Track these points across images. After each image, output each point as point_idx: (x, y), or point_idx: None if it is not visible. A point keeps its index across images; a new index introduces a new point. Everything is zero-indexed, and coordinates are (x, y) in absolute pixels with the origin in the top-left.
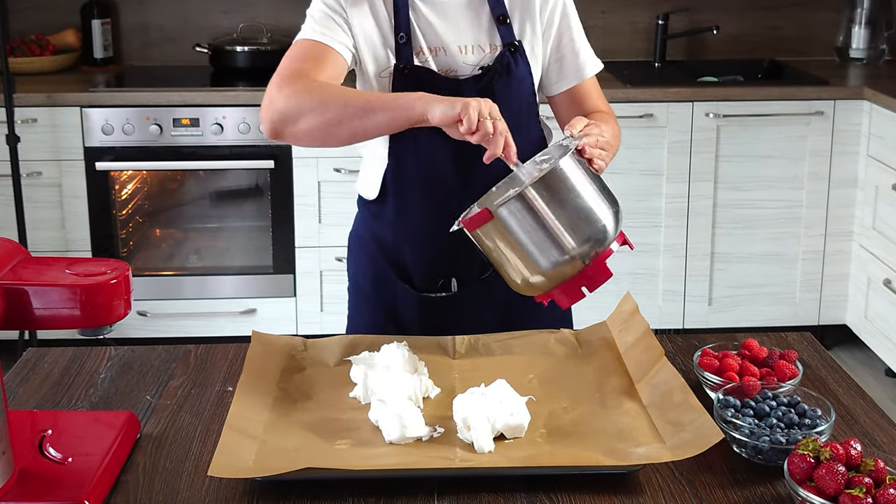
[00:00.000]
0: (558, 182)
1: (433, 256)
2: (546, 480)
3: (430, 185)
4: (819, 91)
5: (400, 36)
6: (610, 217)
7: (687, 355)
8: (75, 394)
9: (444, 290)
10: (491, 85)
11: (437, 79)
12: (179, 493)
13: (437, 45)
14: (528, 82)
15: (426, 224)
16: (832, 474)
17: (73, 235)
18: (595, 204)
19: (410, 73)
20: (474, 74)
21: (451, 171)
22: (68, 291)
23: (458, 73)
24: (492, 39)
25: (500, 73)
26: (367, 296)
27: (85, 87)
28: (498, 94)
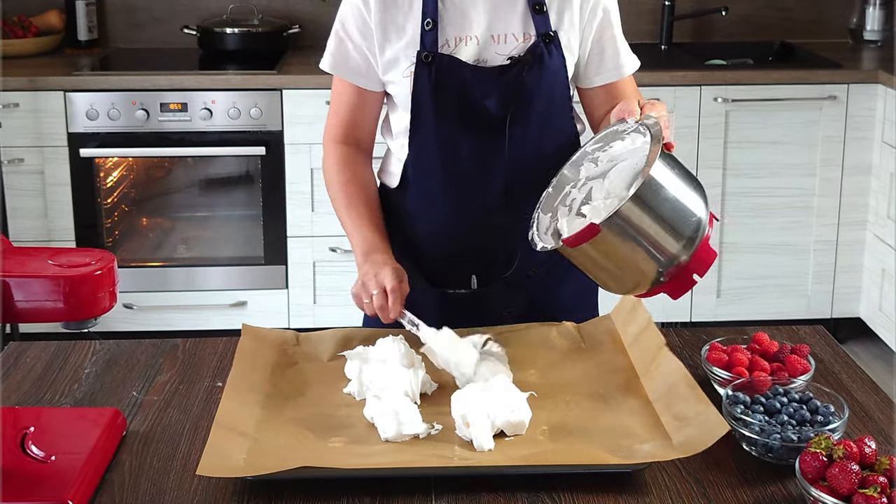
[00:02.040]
0: (655, 187)
1: (453, 252)
2: (548, 479)
3: (451, 178)
4: (832, 74)
5: (426, 22)
6: (701, 204)
7: (695, 349)
8: (59, 389)
9: (463, 287)
10: (521, 75)
11: (461, 68)
12: (167, 493)
13: (468, 33)
14: (561, 75)
15: (446, 218)
16: (846, 473)
17: (56, 225)
18: (688, 197)
19: (433, 61)
20: (502, 64)
21: (472, 165)
22: (51, 283)
23: (488, 62)
24: (526, 28)
25: (531, 64)
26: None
27: (69, 71)
28: (528, 85)
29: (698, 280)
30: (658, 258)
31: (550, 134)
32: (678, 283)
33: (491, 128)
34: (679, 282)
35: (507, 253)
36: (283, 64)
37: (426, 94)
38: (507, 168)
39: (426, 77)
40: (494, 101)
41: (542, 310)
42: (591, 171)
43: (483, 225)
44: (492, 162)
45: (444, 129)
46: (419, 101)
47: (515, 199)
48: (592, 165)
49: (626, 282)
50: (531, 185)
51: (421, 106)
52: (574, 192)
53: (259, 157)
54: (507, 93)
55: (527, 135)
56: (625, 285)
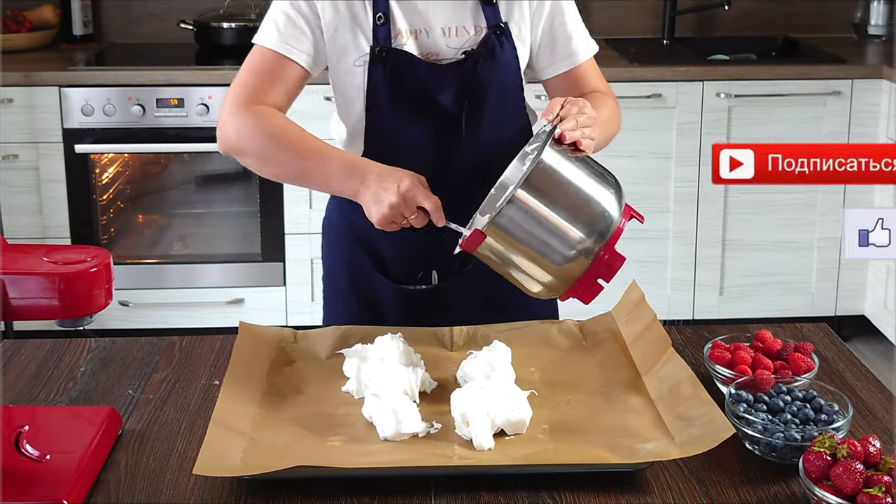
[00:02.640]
0: (545, 179)
1: (411, 247)
2: (549, 479)
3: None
4: (836, 70)
5: (378, 16)
6: (610, 198)
7: (697, 347)
8: (53, 388)
9: (424, 283)
10: (474, 69)
11: (416, 64)
12: (163, 493)
13: (419, 26)
14: (513, 66)
15: None
16: (850, 472)
17: (51, 221)
18: (591, 189)
19: (388, 56)
20: (456, 59)
21: (429, 158)
22: (46, 280)
23: (441, 56)
24: (476, 21)
25: (484, 56)
26: (343, 286)
27: (64, 66)
28: (482, 79)
29: (604, 285)
30: (551, 259)
31: (505, 126)
32: (583, 287)
33: (447, 121)
34: (584, 286)
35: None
36: None
37: (381, 88)
38: (465, 161)
39: (380, 72)
40: (449, 96)
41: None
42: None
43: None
44: (449, 154)
45: (401, 122)
46: (374, 96)
47: (473, 191)
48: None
49: (531, 283)
50: (489, 176)
51: (376, 100)
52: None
53: None
54: (461, 87)
55: (482, 127)
56: (531, 287)
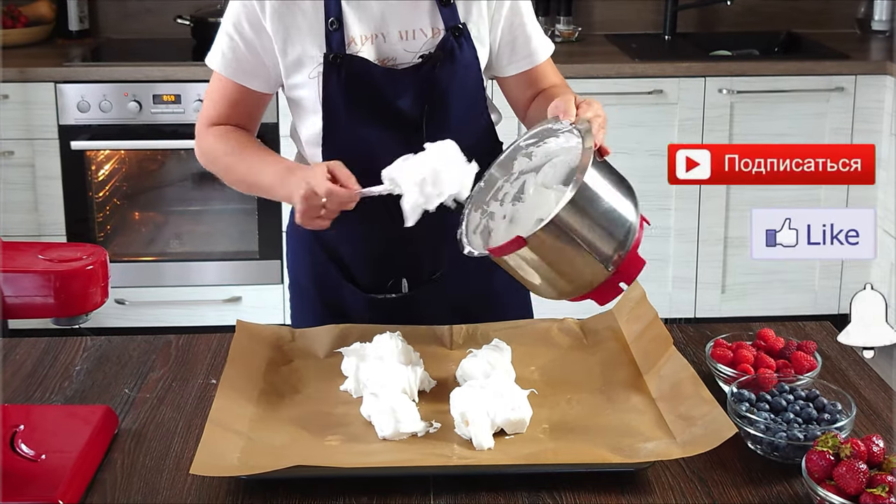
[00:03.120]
0: (586, 196)
1: (379, 255)
2: (549, 479)
3: (371, 181)
4: (839, 65)
5: (331, 22)
6: (632, 210)
7: (699, 346)
8: (49, 387)
9: (393, 291)
10: (433, 73)
11: (372, 70)
12: (160, 493)
13: (374, 31)
14: (473, 67)
15: (369, 222)
16: (853, 472)
17: (46, 219)
18: (619, 203)
19: (343, 63)
20: (414, 63)
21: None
22: (41, 278)
23: (398, 61)
24: (434, 23)
25: (443, 59)
26: (310, 296)
27: (59, 62)
28: (441, 82)
29: (625, 289)
30: (586, 268)
31: (467, 128)
32: (605, 291)
33: (407, 127)
34: (606, 290)
35: (435, 251)
36: None
37: (337, 96)
38: None
39: (335, 79)
40: (408, 101)
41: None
42: (524, 166)
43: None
44: None
45: (359, 131)
46: (330, 105)
47: None
48: (526, 160)
49: (551, 290)
50: None
51: (333, 109)
52: (507, 186)
53: None
54: (420, 91)
55: (444, 131)
56: (550, 293)
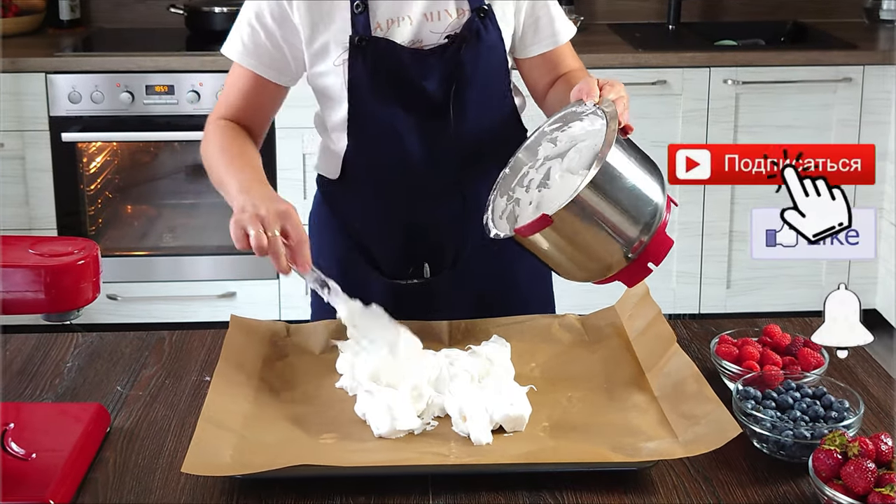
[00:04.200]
0: (610, 176)
1: (402, 241)
2: (550, 478)
3: (396, 166)
4: (847, 56)
5: (356, 5)
6: (658, 189)
7: (703, 342)
8: (39, 384)
9: (416, 277)
10: (459, 53)
11: (398, 51)
12: (152, 492)
13: (400, 13)
14: (499, 49)
15: (393, 207)
16: (861, 471)
17: (37, 212)
18: (644, 183)
19: (368, 45)
20: (440, 44)
21: (416, 149)
22: (32, 273)
23: (424, 42)
24: (459, 4)
25: (469, 40)
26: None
27: (50, 52)
28: (467, 63)
29: (654, 269)
30: (612, 247)
31: (492, 110)
32: (633, 272)
33: (433, 109)
34: (634, 270)
35: (459, 238)
36: None
37: (363, 80)
38: (453, 149)
39: (361, 63)
40: (434, 83)
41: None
42: (549, 151)
43: (433, 210)
44: (437, 144)
45: (385, 115)
46: (356, 90)
47: (464, 180)
48: (551, 145)
49: (579, 271)
50: (477, 165)
51: (358, 94)
52: (532, 173)
53: None
54: (446, 73)
55: (470, 113)
56: (577, 274)
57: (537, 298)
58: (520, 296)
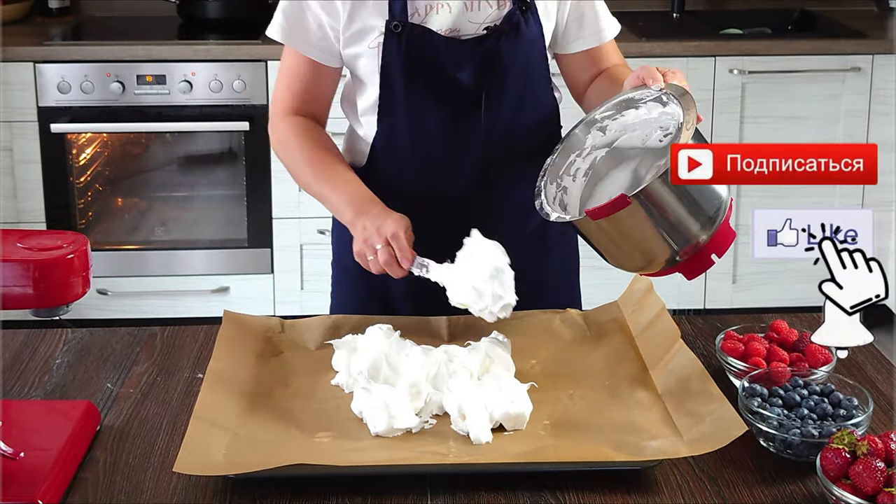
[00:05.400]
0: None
1: (428, 232)
2: (551, 477)
3: (423, 156)
4: (856, 44)
5: None
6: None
7: (709, 338)
8: (28, 381)
9: None
10: (497, 46)
11: (434, 39)
12: (144, 492)
13: (439, 0)
14: (539, 44)
15: (420, 196)
16: (870, 471)
17: (25, 205)
18: None
19: (403, 31)
20: (478, 35)
21: (445, 140)
22: (20, 267)
23: (462, 32)
24: None
25: (507, 33)
26: (352, 273)
27: (39, 41)
28: (504, 56)
29: (716, 261)
30: (678, 237)
31: (528, 107)
32: (695, 264)
33: (465, 101)
34: (696, 262)
35: (484, 231)
36: None
37: (396, 66)
38: (484, 142)
39: (395, 48)
40: (468, 74)
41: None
42: (597, 140)
43: (459, 202)
44: (467, 136)
45: (415, 103)
46: (388, 75)
47: (493, 174)
48: (600, 134)
49: (640, 259)
50: (509, 160)
51: (391, 79)
52: (579, 161)
53: (242, 133)
54: (481, 64)
55: (503, 107)
56: (638, 263)
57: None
58: (546, 292)
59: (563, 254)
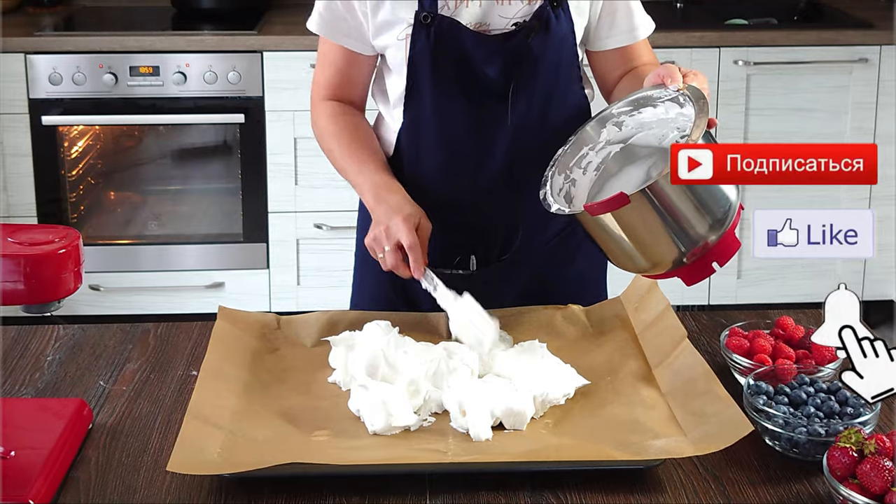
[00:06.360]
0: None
1: (450, 229)
2: (552, 477)
3: (448, 150)
4: (863, 35)
5: None
6: (734, 189)
7: (713, 335)
8: (19, 378)
9: (461, 268)
10: (525, 42)
11: (462, 33)
12: (137, 492)
13: None
14: (569, 41)
15: (443, 192)
16: (878, 470)
17: (16, 199)
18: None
19: (432, 23)
20: (506, 31)
21: (471, 136)
22: (11, 263)
23: (491, 26)
24: None
25: (538, 29)
26: (375, 266)
27: (30, 31)
28: (533, 52)
29: (717, 269)
30: (682, 240)
31: (556, 104)
32: (696, 270)
33: (492, 97)
34: (697, 268)
35: (508, 231)
36: (263, 24)
37: (424, 58)
38: (509, 140)
39: (424, 40)
40: (496, 69)
41: (547, 292)
42: (612, 135)
43: (483, 200)
44: (493, 133)
45: (442, 97)
46: (415, 66)
47: (518, 173)
48: (616, 129)
49: (643, 260)
50: (535, 158)
51: (417, 71)
52: (591, 155)
53: (237, 126)
54: (510, 60)
55: (531, 105)
56: (641, 264)
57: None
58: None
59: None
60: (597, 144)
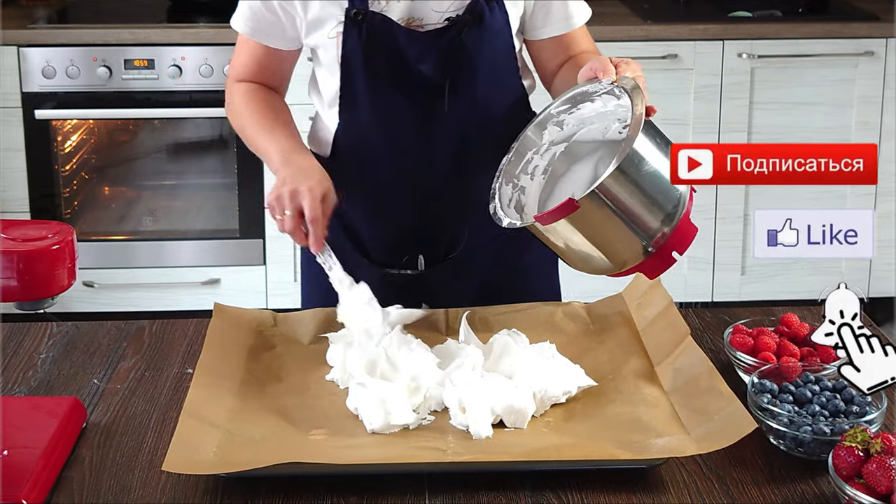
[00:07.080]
0: (638, 159)
1: (395, 229)
2: (553, 476)
3: (388, 149)
4: (869, 28)
5: None
6: None
7: (716, 332)
8: (11, 377)
9: (409, 268)
10: (458, 38)
11: (394, 29)
12: (131, 491)
13: None
14: (504, 33)
15: (385, 192)
16: (884, 469)
17: (8, 194)
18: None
19: (364, 20)
20: (439, 26)
21: (410, 134)
22: (3, 259)
23: (424, 21)
24: None
25: (471, 24)
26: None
27: (23, 24)
28: (468, 47)
29: (678, 258)
30: (637, 235)
31: (496, 97)
32: (656, 262)
33: (429, 94)
34: (657, 260)
35: (455, 229)
36: None
37: (356, 56)
38: (450, 136)
39: (355, 38)
40: (430, 66)
41: (503, 287)
42: (555, 136)
43: (427, 199)
44: (433, 130)
45: (378, 96)
46: (349, 65)
47: (462, 169)
48: (557, 129)
49: (599, 262)
50: (479, 153)
51: (351, 70)
52: (536, 159)
53: None
54: (444, 56)
55: (470, 100)
56: (597, 265)
57: (543, 291)
58: (525, 288)
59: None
60: (540, 147)
